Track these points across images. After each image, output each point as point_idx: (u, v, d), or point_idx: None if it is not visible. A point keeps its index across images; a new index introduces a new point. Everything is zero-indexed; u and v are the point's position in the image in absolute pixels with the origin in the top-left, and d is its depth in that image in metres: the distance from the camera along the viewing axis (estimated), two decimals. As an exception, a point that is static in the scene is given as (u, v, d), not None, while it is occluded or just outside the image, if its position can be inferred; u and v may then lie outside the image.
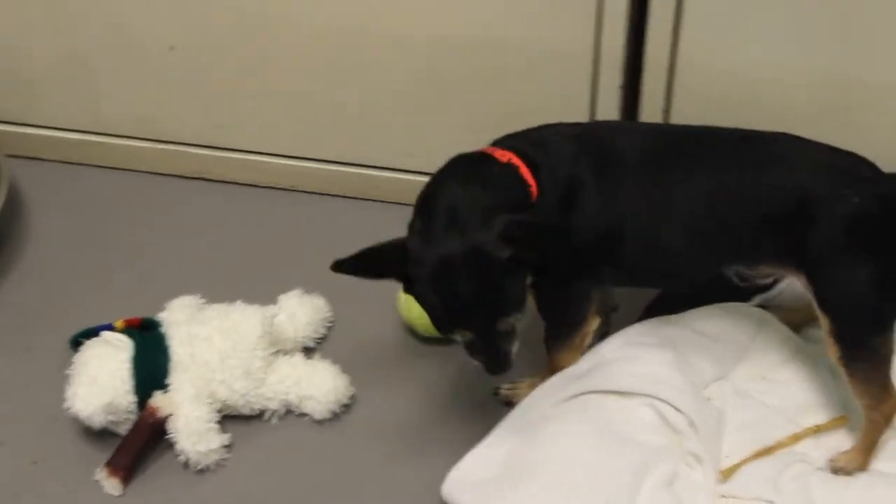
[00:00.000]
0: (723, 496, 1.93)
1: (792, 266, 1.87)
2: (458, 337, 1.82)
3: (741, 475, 1.94)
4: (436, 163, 2.44)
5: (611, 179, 1.84)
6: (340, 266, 1.75)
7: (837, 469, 1.95)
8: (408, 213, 2.45)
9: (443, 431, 2.05)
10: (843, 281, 1.81)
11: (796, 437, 2.01)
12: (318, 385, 2.07)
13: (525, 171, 1.79)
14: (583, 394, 1.96)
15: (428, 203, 1.80)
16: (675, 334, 2.07)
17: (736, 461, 1.96)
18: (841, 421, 2.03)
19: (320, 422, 2.08)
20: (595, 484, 1.85)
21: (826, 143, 1.85)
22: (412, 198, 2.47)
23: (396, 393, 2.13)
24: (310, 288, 2.25)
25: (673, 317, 2.10)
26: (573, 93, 2.24)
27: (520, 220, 1.73)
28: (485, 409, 2.04)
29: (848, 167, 1.83)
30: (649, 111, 2.25)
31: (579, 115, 2.25)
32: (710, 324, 2.10)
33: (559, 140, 1.88)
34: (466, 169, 1.83)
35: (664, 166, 1.86)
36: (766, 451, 1.98)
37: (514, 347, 1.82)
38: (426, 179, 2.45)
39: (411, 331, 2.22)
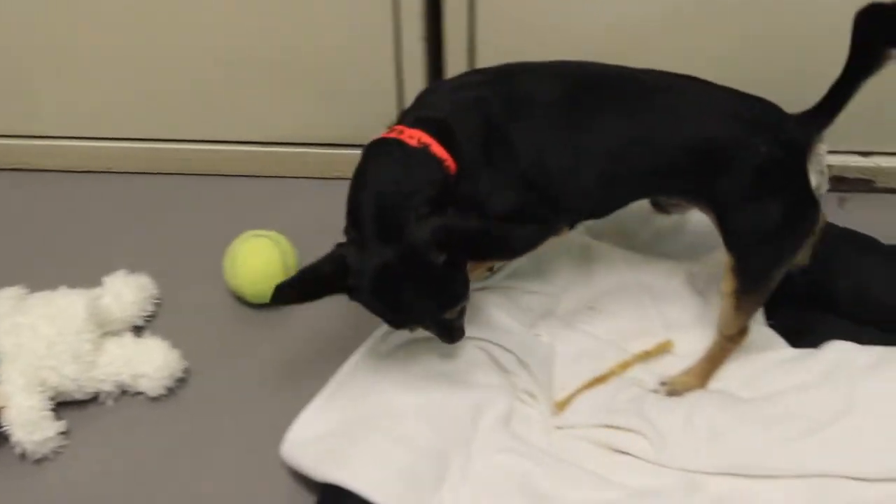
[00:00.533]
0: (559, 428, 1.97)
1: (701, 204, 1.91)
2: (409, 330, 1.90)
3: (576, 405, 1.99)
4: (246, 132, 2.43)
5: (525, 125, 1.81)
6: (282, 296, 1.77)
7: (674, 393, 2.01)
8: (221, 184, 2.46)
9: (280, 394, 2.05)
10: (751, 224, 1.84)
11: (626, 365, 2.06)
12: (149, 362, 2.05)
13: (437, 148, 1.77)
14: (412, 341, 2.00)
15: (356, 208, 1.77)
16: (500, 275, 2.10)
17: (570, 392, 2.01)
18: (666, 345, 2.10)
19: (156, 399, 2.07)
20: (432, 429, 1.89)
21: (734, 89, 1.86)
22: (224, 168, 2.48)
23: (231, 361, 2.13)
24: (134, 267, 2.22)
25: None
26: (377, 45, 2.24)
27: (449, 226, 1.73)
28: (320, 368, 2.03)
29: (755, 114, 1.84)
30: (454, 62, 2.27)
31: (385, 68, 2.26)
32: (535, 258, 2.13)
33: (465, 96, 1.84)
34: (382, 165, 1.79)
35: (576, 110, 1.82)
36: (599, 381, 2.03)
37: (465, 317, 1.88)
38: (241, 149, 2.46)
39: (240, 299, 2.21)
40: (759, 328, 2.11)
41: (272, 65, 2.31)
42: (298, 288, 1.78)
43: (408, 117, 1.84)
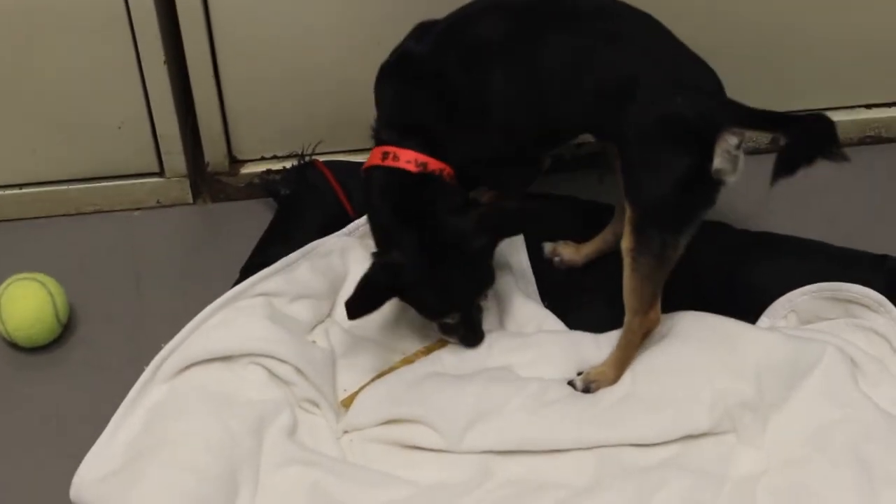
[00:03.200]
0: (346, 432, 1.99)
1: (610, 142, 1.99)
2: (448, 320, 2.07)
3: (357, 404, 2.00)
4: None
5: (482, 71, 1.95)
6: (355, 312, 1.97)
7: (590, 383, 2.02)
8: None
9: (63, 437, 2.03)
10: (647, 176, 1.87)
11: (407, 361, 2.09)
12: (-76, 420, 2.01)
13: (435, 164, 1.97)
14: (187, 367, 1.98)
15: (385, 232, 2.02)
16: (271, 288, 2.11)
17: (353, 392, 2.03)
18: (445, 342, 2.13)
19: (-65, 456, 2.02)
20: (215, 452, 1.89)
21: (686, 46, 1.92)
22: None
23: (10, 409, 2.10)
24: None
25: (267, 270, 2.12)
26: (120, 74, 2.22)
27: (489, 213, 2.03)
28: (101, 407, 1.98)
29: (689, 69, 1.91)
30: (200, 84, 2.28)
31: (132, 97, 2.25)
32: (301, 270, 2.15)
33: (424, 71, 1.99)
34: (394, 195, 2.00)
35: (526, 35, 1.94)
36: (381, 375, 2.06)
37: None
38: None
39: (13, 344, 2.17)
40: (537, 308, 2.18)
41: (15, 104, 2.26)
42: (363, 302, 1.97)
43: (390, 128, 2.01)
